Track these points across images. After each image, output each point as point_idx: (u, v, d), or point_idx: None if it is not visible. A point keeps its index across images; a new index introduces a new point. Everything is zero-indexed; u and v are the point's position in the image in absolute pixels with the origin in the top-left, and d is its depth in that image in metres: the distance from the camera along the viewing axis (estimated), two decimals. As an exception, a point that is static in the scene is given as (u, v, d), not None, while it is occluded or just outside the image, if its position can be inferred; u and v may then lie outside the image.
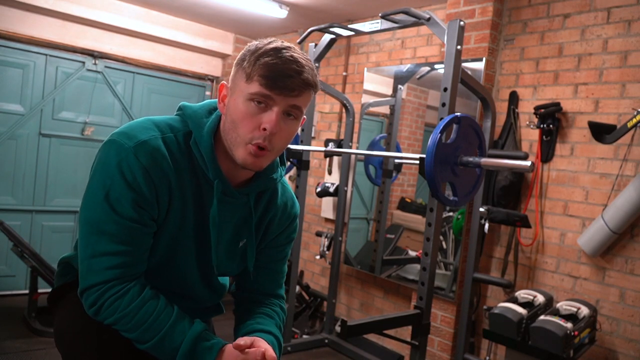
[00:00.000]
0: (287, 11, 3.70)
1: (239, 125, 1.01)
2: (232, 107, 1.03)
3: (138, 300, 1.01)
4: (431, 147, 1.87)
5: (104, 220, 1.00)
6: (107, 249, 1.00)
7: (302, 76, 0.99)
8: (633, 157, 2.40)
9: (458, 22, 2.23)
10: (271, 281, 1.29)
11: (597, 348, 2.44)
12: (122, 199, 0.99)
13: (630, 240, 2.39)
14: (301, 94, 1.01)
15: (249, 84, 0.99)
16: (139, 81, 4.31)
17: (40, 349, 2.90)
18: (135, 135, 1.01)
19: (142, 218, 1.02)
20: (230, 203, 1.12)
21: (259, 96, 0.99)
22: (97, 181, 1.01)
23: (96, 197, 1.00)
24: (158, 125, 1.06)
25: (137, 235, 1.02)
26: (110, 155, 1.00)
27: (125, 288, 1.01)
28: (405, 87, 3.46)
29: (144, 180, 1.00)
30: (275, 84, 0.98)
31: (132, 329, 1.01)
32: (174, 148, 1.05)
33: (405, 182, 3.56)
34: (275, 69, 0.97)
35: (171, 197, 1.05)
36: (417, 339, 2.27)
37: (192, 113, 1.09)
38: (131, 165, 0.99)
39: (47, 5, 3.67)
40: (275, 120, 1.00)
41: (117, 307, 1.00)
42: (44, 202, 3.90)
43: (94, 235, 1.01)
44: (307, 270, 4.12)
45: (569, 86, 2.65)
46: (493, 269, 2.92)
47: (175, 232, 1.09)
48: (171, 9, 4.09)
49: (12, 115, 3.71)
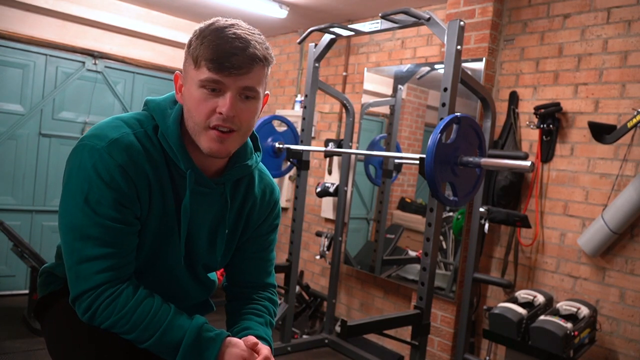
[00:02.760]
0: (287, 11, 3.70)
1: (194, 113, 0.99)
2: (187, 96, 1.01)
3: (133, 301, 1.00)
4: (431, 147, 1.87)
5: (87, 224, 0.97)
6: (94, 253, 0.98)
7: (247, 52, 0.96)
8: (633, 157, 2.40)
9: (458, 22, 2.23)
10: (260, 271, 1.27)
11: (597, 348, 2.44)
12: (102, 200, 0.97)
13: (630, 240, 2.39)
14: (250, 70, 0.97)
15: (197, 70, 0.97)
16: (139, 81, 4.31)
17: (40, 349, 2.90)
18: (105, 135, 0.99)
19: (125, 217, 1.00)
20: (205, 194, 1.10)
21: (209, 82, 0.96)
22: (74, 186, 0.98)
23: (75, 202, 0.98)
24: (127, 122, 1.04)
25: (121, 235, 1.00)
26: (83, 158, 0.98)
27: (118, 290, 1.00)
28: (405, 87, 3.46)
29: (122, 178, 0.97)
30: (222, 66, 0.95)
31: (130, 330, 1.00)
32: (146, 143, 1.03)
33: (405, 182, 3.56)
34: (218, 49, 0.94)
35: (151, 192, 1.03)
36: (417, 339, 2.27)
37: (155, 106, 1.07)
38: (107, 165, 0.97)
39: (47, 5, 3.67)
40: (229, 103, 0.97)
41: (112, 310, 0.99)
42: (44, 202, 3.90)
43: (78, 241, 0.98)
44: (307, 270, 4.12)
45: (569, 86, 2.65)
46: (493, 269, 2.92)
47: (158, 226, 1.07)
48: (171, 9, 4.09)
49: (12, 115, 3.71)
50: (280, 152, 3.13)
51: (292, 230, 3.16)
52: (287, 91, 4.50)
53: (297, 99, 4.30)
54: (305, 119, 3.13)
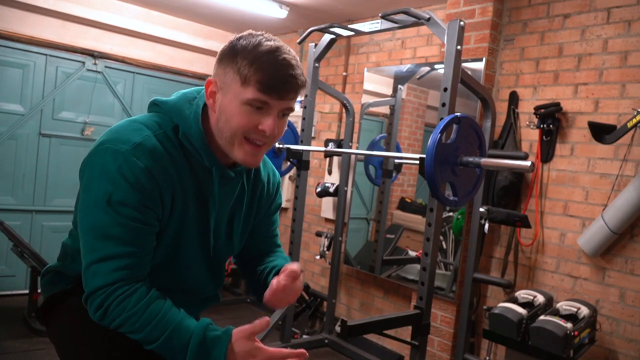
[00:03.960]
0: (287, 11, 3.70)
1: (235, 126, 1.04)
2: (227, 108, 1.04)
3: (145, 299, 1.02)
4: (431, 147, 1.87)
5: (109, 224, 1.00)
6: (114, 252, 1.00)
7: (297, 80, 1.03)
8: (633, 157, 2.40)
9: (458, 22, 2.23)
10: (269, 244, 1.39)
11: (597, 348, 2.44)
12: (126, 201, 0.99)
13: (630, 240, 2.39)
14: (296, 96, 1.07)
15: (245, 88, 1.01)
16: (139, 81, 4.31)
17: (40, 349, 2.90)
18: (128, 139, 1.02)
19: (146, 218, 1.03)
20: (228, 185, 1.17)
21: (257, 102, 1.02)
22: (97, 188, 1.00)
23: (98, 203, 1.00)
24: (145, 124, 1.07)
25: (142, 235, 1.03)
26: (106, 161, 1.00)
27: (132, 288, 1.02)
28: (405, 87, 3.46)
29: (147, 181, 1.01)
30: (273, 91, 1.01)
31: (139, 329, 1.01)
32: (167, 144, 1.06)
33: (405, 182, 3.56)
34: (273, 76, 1.00)
35: (174, 193, 1.07)
36: (417, 339, 2.27)
37: (172, 106, 1.10)
38: (132, 168, 0.99)
39: (47, 5, 3.67)
40: (272, 124, 1.04)
41: (125, 307, 1.00)
42: (44, 202, 3.90)
43: (99, 241, 1.00)
44: (307, 270, 4.12)
45: (569, 86, 2.65)
46: (493, 269, 2.92)
47: (178, 227, 1.11)
48: (171, 9, 4.09)
49: (12, 115, 3.71)
50: (280, 152, 3.12)
51: (292, 230, 3.16)
52: (287, 91, 4.49)
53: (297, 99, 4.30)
54: (305, 119, 3.13)
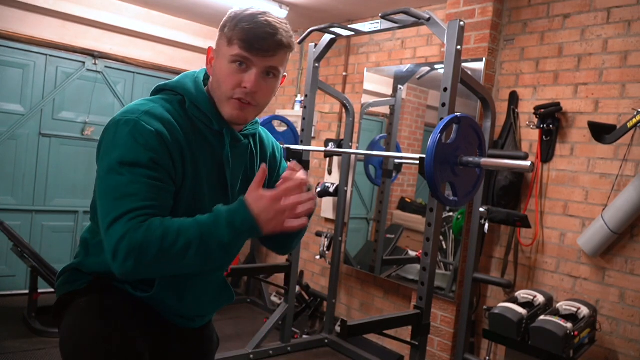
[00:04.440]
0: (287, 11, 3.70)
1: (222, 83, 1.13)
2: (217, 68, 1.14)
3: (165, 220, 1.00)
4: (431, 147, 1.87)
5: (124, 183, 1.00)
6: (132, 207, 0.99)
7: (275, 38, 1.10)
8: (633, 157, 2.40)
9: (458, 22, 2.23)
10: None
11: (597, 348, 2.44)
12: (139, 161, 1.02)
13: (630, 240, 2.39)
14: (276, 54, 1.11)
15: (230, 47, 1.10)
16: (139, 81, 4.31)
17: (40, 349, 2.90)
18: (138, 109, 1.08)
19: (160, 175, 1.05)
20: (237, 148, 1.23)
21: (239, 57, 1.10)
22: (111, 154, 1.03)
23: (112, 167, 1.02)
24: (152, 100, 1.14)
25: (158, 191, 1.03)
26: (119, 130, 1.05)
27: (149, 221, 0.99)
28: (405, 87, 3.46)
29: (157, 143, 1.05)
30: (252, 46, 1.09)
31: (172, 246, 0.97)
32: (175, 114, 1.13)
33: (405, 182, 3.56)
34: (251, 32, 1.08)
35: (184, 159, 1.11)
36: (417, 339, 2.27)
37: (176, 83, 1.19)
38: (142, 131, 1.04)
39: (47, 5, 3.67)
40: (254, 79, 1.11)
41: (152, 236, 0.96)
42: (44, 202, 3.90)
43: (117, 200, 0.99)
44: (307, 270, 4.12)
45: (569, 86, 2.65)
46: (493, 269, 2.92)
47: (192, 190, 1.14)
48: (171, 9, 4.09)
49: (12, 115, 3.71)
50: (280, 152, 3.12)
51: (292, 230, 3.16)
52: (287, 91, 4.50)
53: (297, 99, 4.30)
54: (305, 119, 3.13)
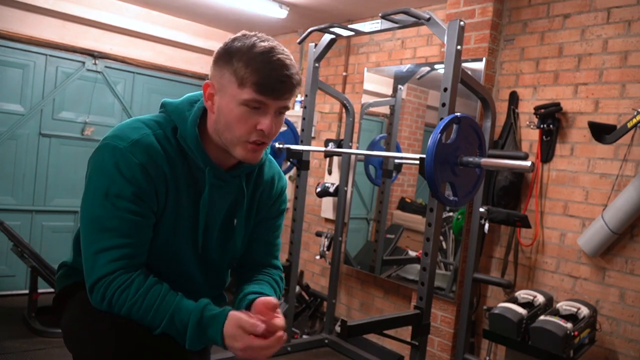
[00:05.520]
0: (287, 11, 3.70)
1: (235, 127, 1.07)
2: (225, 109, 1.07)
3: (144, 286, 1.05)
4: (431, 147, 1.86)
5: (106, 216, 1.05)
6: (111, 244, 1.05)
7: (292, 81, 1.06)
8: (633, 157, 2.40)
9: (458, 22, 2.23)
10: (267, 252, 1.35)
11: (597, 348, 2.44)
12: (122, 194, 1.05)
13: (630, 240, 2.39)
14: (291, 95, 1.09)
15: (242, 89, 1.04)
16: (139, 81, 4.31)
17: (40, 349, 2.90)
18: (127, 136, 1.07)
19: (142, 210, 1.07)
20: (223, 187, 1.19)
21: (254, 102, 1.05)
22: (96, 182, 1.07)
23: (96, 196, 1.06)
24: (146, 123, 1.12)
25: (138, 227, 1.07)
26: (106, 157, 1.06)
27: (130, 277, 1.05)
28: (405, 87, 3.46)
29: (142, 176, 1.06)
30: (269, 92, 1.04)
31: (143, 315, 1.05)
32: (165, 143, 1.11)
33: (405, 182, 3.56)
34: (268, 77, 1.03)
35: (167, 189, 1.11)
36: (417, 339, 2.27)
37: (174, 108, 1.16)
38: (128, 163, 1.05)
39: (47, 5, 3.67)
40: (270, 123, 1.08)
41: (126, 296, 1.04)
42: (44, 202, 3.90)
43: (97, 233, 1.06)
44: (307, 270, 4.12)
45: (569, 86, 2.65)
46: (493, 269, 2.92)
47: (173, 221, 1.14)
48: (171, 9, 4.09)
49: (12, 115, 3.71)
50: (280, 152, 3.12)
51: (292, 230, 3.16)
52: (287, 91, 4.49)
53: (297, 99, 4.30)
54: (305, 119, 3.13)
